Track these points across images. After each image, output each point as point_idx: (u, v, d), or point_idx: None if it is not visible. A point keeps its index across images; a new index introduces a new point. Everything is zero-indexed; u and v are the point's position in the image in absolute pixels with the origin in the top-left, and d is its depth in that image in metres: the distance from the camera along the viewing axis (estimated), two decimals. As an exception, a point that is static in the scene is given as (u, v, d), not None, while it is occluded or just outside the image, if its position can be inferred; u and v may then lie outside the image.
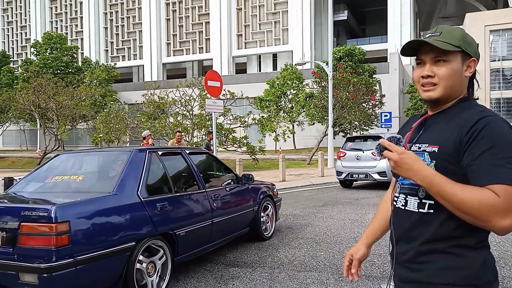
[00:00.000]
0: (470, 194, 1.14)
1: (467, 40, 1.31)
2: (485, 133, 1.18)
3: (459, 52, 1.30)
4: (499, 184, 1.13)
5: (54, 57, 42.39)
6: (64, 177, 3.96)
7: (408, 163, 1.20)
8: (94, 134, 32.82)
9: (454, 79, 1.30)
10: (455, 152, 1.22)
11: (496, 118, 1.21)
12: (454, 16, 60.97)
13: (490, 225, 1.14)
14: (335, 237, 5.68)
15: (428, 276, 1.25)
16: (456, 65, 1.30)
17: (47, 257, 2.84)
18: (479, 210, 1.13)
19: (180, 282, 4.04)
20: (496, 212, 1.12)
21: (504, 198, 1.12)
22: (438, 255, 1.24)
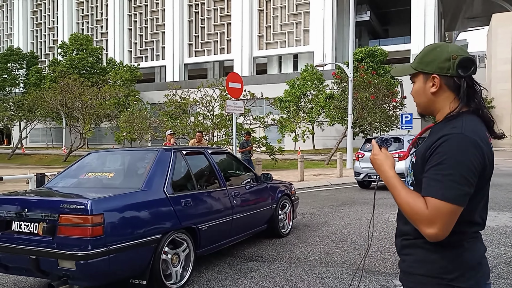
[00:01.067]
0: (407, 199, 1.31)
1: (426, 59, 1.42)
2: (440, 149, 1.30)
3: (419, 73, 1.45)
4: (430, 197, 1.27)
5: (80, 58, 43.66)
6: (97, 173, 4.28)
7: (377, 164, 1.45)
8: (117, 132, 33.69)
9: (420, 97, 1.46)
10: (422, 164, 1.36)
11: (456, 136, 1.29)
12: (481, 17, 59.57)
13: (419, 229, 1.29)
14: (351, 235, 5.84)
15: (408, 266, 1.41)
16: (418, 85, 1.46)
17: (84, 246, 3.14)
18: (410, 215, 1.30)
19: (202, 274, 4.29)
20: (421, 220, 1.27)
21: (430, 210, 1.26)
22: (416, 249, 1.39)
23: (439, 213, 1.25)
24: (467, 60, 1.37)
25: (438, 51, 1.41)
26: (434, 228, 1.25)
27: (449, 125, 1.36)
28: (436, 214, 1.25)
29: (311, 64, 36.88)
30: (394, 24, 58.61)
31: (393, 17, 58.49)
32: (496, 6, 51.83)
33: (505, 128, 40.59)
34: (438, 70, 1.40)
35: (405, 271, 1.43)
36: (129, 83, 43.67)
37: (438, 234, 1.26)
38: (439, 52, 1.41)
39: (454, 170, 1.26)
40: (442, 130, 1.36)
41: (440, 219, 1.25)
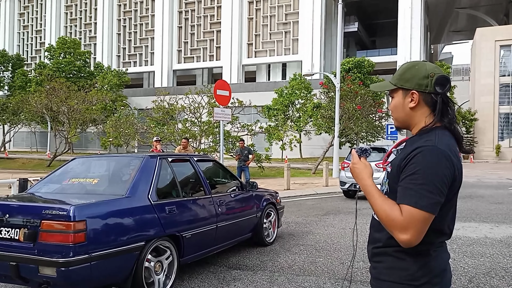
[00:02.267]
0: (384, 206, 1.37)
1: (405, 76, 1.50)
2: (414, 160, 1.37)
3: (399, 89, 1.52)
4: (405, 205, 1.34)
5: (68, 62, 43.23)
6: (80, 179, 4.25)
7: (356, 172, 1.53)
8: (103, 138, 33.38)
9: (398, 112, 1.54)
10: (397, 174, 1.44)
11: (429, 148, 1.37)
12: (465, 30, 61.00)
13: (393, 235, 1.36)
14: (334, 244, 5.89)
15: (378, 273, 1.49)
16: (397, 100, 1.54)
17: (65, 253, 3.11)
18: (385, 221, 1.36)
19: (185, 282, 4.28)
20: (395, 226, 1.33)
21: (404, 216, 1.32)
22: (386, 257, 1.46)
23: (413, 220, 1.32)
24: (443, 78, 1.45)
25: (417, 68, 1.49)
26: (408, 234, 1.32)
27: (423, 138, 1.44)
28: (409, 221, 1.32)
29: (299, 73, 37.21)
30: (382, 36, 59.60)
31: (380, 29, 59.49)
32: (480, 20, 53.19)
33: (488, 140, 41.46)
34: (417, 86, 1.47)
35: (375, 277, 1.50)
36: (116, 88, 43.36)
37: (411, 240, 1.32)
38: (418, 69, 1.48)
39: (427, 180, 1.33)
40: (416, 143, 1.43)
41: (414, 225, 1.32)
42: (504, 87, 41.49)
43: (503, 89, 41.51)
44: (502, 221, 7.67)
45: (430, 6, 51.28)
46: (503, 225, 7.33)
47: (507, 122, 41.55)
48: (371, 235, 1.58)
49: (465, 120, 40.87)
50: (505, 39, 41.00)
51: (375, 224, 1.54)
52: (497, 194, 12.15)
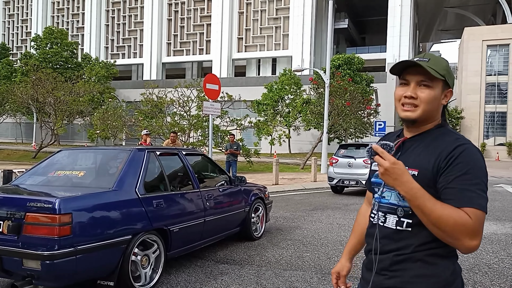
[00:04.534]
0: (448, 212, 1.22)
1: (450, 71, 1.41)
2: (462, 159, 1.28)
3: (442, 81, 1.39)
4: (470, 208, 1.22)
5: (54, 52, 42.48)
6: (67, 172, 4.19)
7: (397, 173, 1.26)
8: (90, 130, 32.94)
9: (433, 104, 1.39)
10: (433, 176, 1.31)
11: (471, 146, 1.32)
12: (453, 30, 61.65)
13: (459, 243, 1.23)
14: (322, 239, 5.93)
15: (402, 282, 1.32)
16: (437, 92, 1.39)
17: (50, 246, 3.06)
18: (453, 228, 1.21)
19: (172, 276, 4.26)
20: (467, 232, 1.21)
21: (474, 221, 1.21)
22: (413, 263, 1.32)
23: (480, 223, 1.23)
24: None
25: (449, 67, 1.43)
26: (478, 239, 1.23)
27: (447, 135, 1.38)
28: (479, 224, 1.23)
29: (289, 68, 37.19)
30: (371, 33, 59.89)
31: (370, 26, 59.75)
32: (468, 20, 53.78)
33: (474, 138, 42.08)
34: (452, 86, 1.44)
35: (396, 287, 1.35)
36: (104, 79, 42.77)
37: (478, 245, 1.24)
38: (450, 68, 1.43)
39: (479, 179, 1.27)
40: (444, 140, 1.36)
41: (481, 229, 1.24)
42: (490, 86, 42.14)
43: (489, 88, 42.16)
44: (486, 218, 7.80)
45: (419, 5, 51.67)
46: (487, 222, 7.46)
47: (493, 121, 42.26)
48: (381, 248, 1.39)
49: (451, 118, 41.43)
50: (492, 39, 41.59)
51: (393, 234, 1.37)
52: (481, 191, 12.36)
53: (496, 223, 7.30)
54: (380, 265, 1.38)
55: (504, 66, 41.68)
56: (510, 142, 40.35)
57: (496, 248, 5.54)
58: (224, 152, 14.36)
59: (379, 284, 1.38)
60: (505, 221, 7.56)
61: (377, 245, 1.40)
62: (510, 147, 40.26)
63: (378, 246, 1.40)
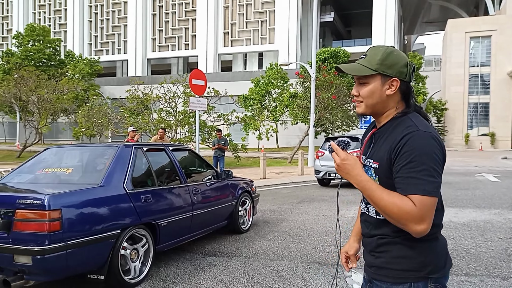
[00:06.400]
0: (393, 200, 1.31)
1: (387, 62, 1.44)
2: (406, 148, 1.34)
3: (378, 74, 1.45)
4: (415, 195, 1.30)
5: (37, 49, 41.79)
6: (54, 169, 4.24)
7: (347, 168, 1.39)
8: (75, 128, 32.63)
9: (374, 98, 1.46)
10: (388, 167, 1.40)
11: (417, 133, 1.35)
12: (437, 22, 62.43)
13: (407, 228, 1.32)
14: (308, 230, 6.08)
15: (384, 262, 1.45)
16: (374, 86, 1.46)
17: (40, 241, 3.13)
18: (399, 215, 1.31)
19: (161, 269, 4.36)
20: (411, 219, 1.29)
21: (419, 207, 1.29)
22: (393, 246, 1.43)
23: (426, 208, 1.30)
24: (414, 68, 1.48)
25: (396, 55, 1.46)
26: (425, 223, 1.30)
27: (401, 125, 1.43)
28: (424, 210, 1.29)
29: (276, 62, 37.28)
30: (357, 26, 60.26)
31: (355, 19, 60.10)
32: (452, 12, 54.52)
33: (458, 129, 42.88)
34: (398, 74, 1.44)
35: (380, 267, 1.47)
36: (88, 77, 42.32)
37: (427, 229, 1.31)
38: (397, 57, 1.46)
39: (425, 165, 1.32)
40: (396, 131, 1.41)
41: (428, 214, 1.30)
42: (474, 78, 42.90)
43: (473, 79, 42.91)
44: (466, 206, 8.07)
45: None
46: (467, 209, 7.72)
47: (476, 112, 43.07)
48: (369, 233, 1.52)
49: (436, 110, 42.11)
50: (475, 31, 42.26)
51: (375, 222, 1.49)
52: (464, 180, 12.69)
53: (475, 210, 7.55)
54: (368, 247, 1.52)
55: (487, 57, 42.43)
56: (492, 133, 41.21)
57: (474, 233, 5.77)
58: (212, 147, 14.44)
59: (370, 263, 1.52)
60: (484, 208, 7.82)
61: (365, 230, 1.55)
62: (492, 137, 41.12)
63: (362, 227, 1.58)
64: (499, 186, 11.33)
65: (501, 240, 5.42)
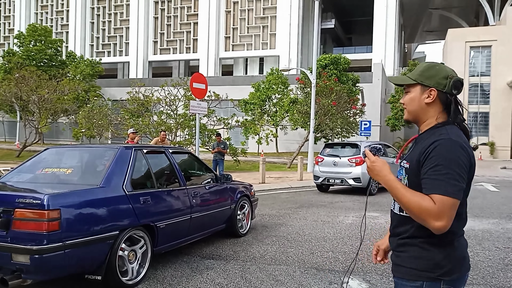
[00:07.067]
0: (414, 198, 1.47)
1: (427, 74, 1.63)
2: (434, 153, 1.50)
3: (418, 84, 1.64)
4: (436, 194, 1.45)
5: (38, 50, 41.85)
6: (54, 169, 4.25)
7: (376, 169, 1.60)
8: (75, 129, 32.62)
9: (414, 105, 1.66)
10: (417, 168, 1.55)
11: (446, 141, 1.51)
12: (438, 31, 62.69)
13: (426, 224, 1.46)
14: (306, 236, 6.08)
15: (401, 261, 1.61)
16: (414, 94, 1.66)
17: (39, 240, 3.14)
18: (418, 211, 1.46)
19: (158, 271, 4.35)
20: (430, 215, 1.44)
21: (438, 205, 1.44)
22: (411, 247, 1.58)
23: (445, 207, 1.44)
24: (459, 82, 1.61)
25: (437, 69, 1.64)
26: (443, 221, 1.44)
27: (436, 133, 1.58)
28: (443, 208, 1.44)
29: (276, 68, 37.37)
30: (357, 33, 60.47)
31: (356, 27, 60.33)
32: (452, 21, 54.77)
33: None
34: (436, 85, 1.61)
35: (398, 265, 1.63)
36: (89, 78, 42.32)
37: (445, 226, 1.44)
38: (438, 70, 1.63)
39: (449, 169, 1.47)
40: (431, 138, 1.56)
41: (446, 212, 1.44)
42: (473, 87, 43.01)
43: (472, 89, 43.01)
44: (464, 215, 8.07)
45: (405, 6, 52.41)
46: (465, 218, 7.71)
47: (475, 121, 43.16)
48: (392, 230, 1.70)
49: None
50: (475, 41, 42.46)
51: (398, 218, 1.65)
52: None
53: (474, 220, 7.56)
54: (391, 245, 1.71)
55: (487, 67, 42.59)
56: (492, 142, 41.28)
57: (472, 242, 5.77)
58: (211, 151, 14.46)
59: (393, 260, 1.69)
60: (482, 217, 7.83)
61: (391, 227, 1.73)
62: (492, 146, 41.18)
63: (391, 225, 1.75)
64: (498, 195, 11.34)
65: (499, 250, 5.43)
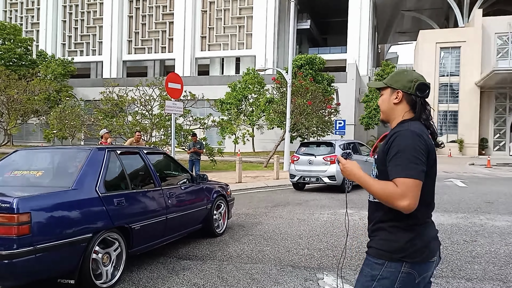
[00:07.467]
0: (380, 185, 1.71)
1: (395, 78, 1.92)
2: (394, 143, 1.74)
3: (388, 87, 1.94)
4: (398, 178, 1.67)
5: (7, 49, 40.50)
6: (24, 172, 4.14)
7: (347, 170, 1.86)
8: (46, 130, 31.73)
9: (385, 105, 1.95)
10: (383, 158, 1.79)
11: (404, 131, 1.75)
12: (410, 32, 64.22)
13: (394, 205, 1.67)
14: (282, 234, 6.14)
15: (372, 243, 1.84)
16: (385, 96, 1.96)
17: (9, 245, 3.06)
18: (385, 196, 1.68)
19: (134, 273, 4.31)
20: (395, 197, 1.65)
21: (400, 187, 1.65)
22: (381, 231, 1.81)
23: (407, 187, 1.65)
24: (423, 85, 1.87)
25: (405, 74, 1.92)
26: (407, 200, 1.64)
27: (399, 127, 1.84)
28: (405, 189, 1.65)
29: (253, 68, 37.44)
30: (333, 34, 61.30)
31: (331, 27, 61.15)
32: (423, 23, 56.23)
33: (428, 136, 44.13)
34: (402, 87, 1.89)
35: (369, 246, 1.87)
36: (61, 77, 41.26)
37: (410, 204, 1.64)
38: (405, 75, 1.91)
39: (408, 154, 1.69)
40: (393, 130, 1.83)
41: (409, 192, 1.64)
42: (443, 87, 44.34)
43: (442, 88, 44.34)
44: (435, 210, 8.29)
45: (378, 8, 53.47)
46: (435, 213, 7.94)
47: (445, 119, 44.49)
48: (369, 217, 1.94)
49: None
50: (445, 42, 43.77)
51: (372, 206, 1.90)
52: (433, 186, 13.07)
53: (443, 215, 7.81)
54: (368, 232, 1.92)
55: (456, 67, 43.97)
56: (461, 139, 42.65)
57: (442, 236, 5.96)
58: (187, 151, 14.37)
59: (367, 245, 1.90)
60: (451, 212, 8.11)
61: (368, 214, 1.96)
62: (461, 144, 42.55)
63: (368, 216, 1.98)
64: (466, 191, 11.75)
65: (467, 243, 5.64)
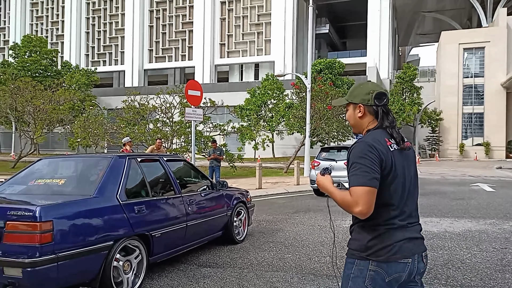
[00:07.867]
0: (340, 196, 1.82)
1: (353, 93, 2.01)
2: (350, 155, 1.86)
3: (350, 103, 2.04)
4: (351, 187, 1.78)
5: (33, 60, 41.89)
6: (47, 180, 4.21)
7: (320, 184, 2.00)
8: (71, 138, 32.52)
9: (352, 120, 2.05)
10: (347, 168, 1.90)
11: (358, 144, 1.86)
12: (431, 34, 63.11)
13: (351, 213, 1.80)
14: (303, 241, 6.04)
15: (348, 244, 1.96)
16: (350, 112, 2.05)
17: (31, 253, 3.09)
18: (343, 204, 1.80)
19: (154, 281, 4.31)
20: (349, 205, 1.77)
21: (353, 195, 1.77)
22: (353, 232, 1.96)
23: (359, 195, 1.75)
24: (380, 94, 1.94)
25: (361, 87, 2.00)
26: (359, 206, 1.75)
27: (360, 139, 1.93)
28: (356, 197, 1.76)
29: (271, 73, 37.47)
30: (352, 38, 60.83)
31: (351, 31, 60.70)
32: (445, 24, 55.17)
33: (452, 139, 43.10)
34: (361, 101, 1.97)
35: (348, 246, 1.99)
36: (85, 87, 42.34)
37: (362, 210, 1.75)
38: (362, 88, 1.99)
39: (359, 164, 1.80)
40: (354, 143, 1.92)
41: (360, 199, 1.75)
42: (467, 88, 43.27)
43: (466, 90, 43.28)
44: (461, 216, 8.07)
45: (398, 10, 52.78)
46: (462, 219, 7.72)
47: (470, 122, 43.35)
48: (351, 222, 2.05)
49: (431, 120, 42.35)
50: (468, 42, 42.78)
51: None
52: (459, 190, 12.71)
53: (471, 221, 7.55)
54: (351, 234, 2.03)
55: (481, 68, 42.88)
56: (487, 142, 41.42)
57: (469, 244, 5.76)
58: (207, 157, 14.43)
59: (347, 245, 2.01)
60: (479, 218, 7.83)
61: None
62: (487, 147, 41.31)
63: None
64: (494, 196, 11.35)
65: (496, 251, 5.42)
